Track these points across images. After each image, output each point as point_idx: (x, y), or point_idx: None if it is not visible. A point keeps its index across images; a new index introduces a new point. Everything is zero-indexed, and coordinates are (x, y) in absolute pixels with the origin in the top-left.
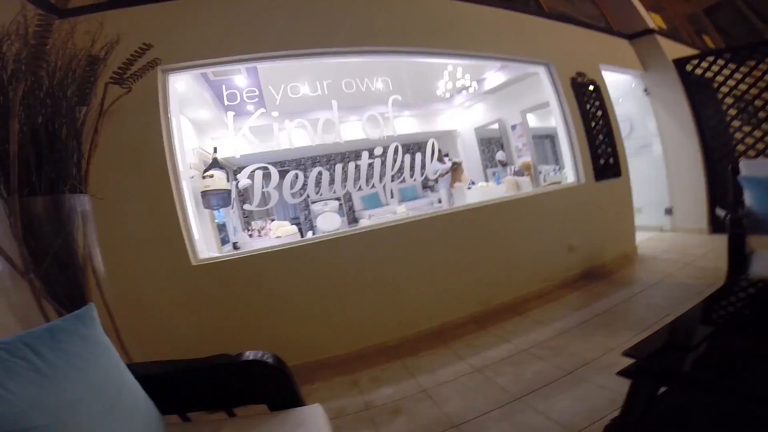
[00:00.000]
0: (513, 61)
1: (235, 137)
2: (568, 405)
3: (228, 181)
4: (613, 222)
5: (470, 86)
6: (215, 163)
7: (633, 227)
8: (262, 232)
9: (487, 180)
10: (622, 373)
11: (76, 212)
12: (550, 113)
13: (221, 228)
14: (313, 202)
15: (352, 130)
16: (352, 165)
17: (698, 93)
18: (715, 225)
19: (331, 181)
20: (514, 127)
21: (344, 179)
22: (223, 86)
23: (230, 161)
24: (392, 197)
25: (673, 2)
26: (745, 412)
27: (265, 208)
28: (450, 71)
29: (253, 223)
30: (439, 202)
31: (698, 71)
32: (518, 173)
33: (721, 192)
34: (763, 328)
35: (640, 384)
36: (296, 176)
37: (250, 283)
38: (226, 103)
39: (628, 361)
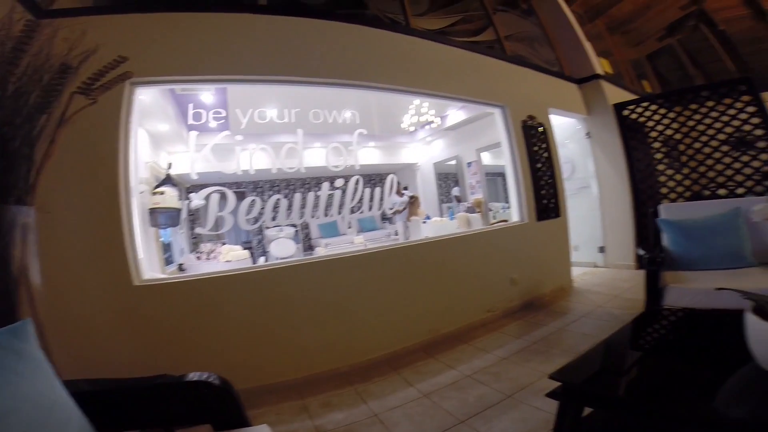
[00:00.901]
0: (473, 102)
1: (194, 155)
2: (507, 426)
3: (180, 199)
4: (552, 258)
5: (434, 122)
6: (168, 180)
7: (569, 263)
8: (211, 256)
9: (442, 215)
10: (551, 395)
11: (17, 224)
12: (502, 153)
13: (166, 248)
14: (267, 227)
15: (316, 157)
16: (311, 195)
17: (632, 137)
18: (639, 262)
19: (289, 208)
20: (469, 164)
21: (302, 207)
22: (190, 104)
23: (184, 178)
24: (350, 227)
25: (621, 48)
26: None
27: (218, 233)
28: (416, 105)
29: (202, 245)
30: (396, 234)
31: (633, 116)
32: (470, 210)
33: (646, 232)
34: (675, 350)
35: (566, 405)
36: (253, 202)
37: (196, 306)
38: (190, 121)
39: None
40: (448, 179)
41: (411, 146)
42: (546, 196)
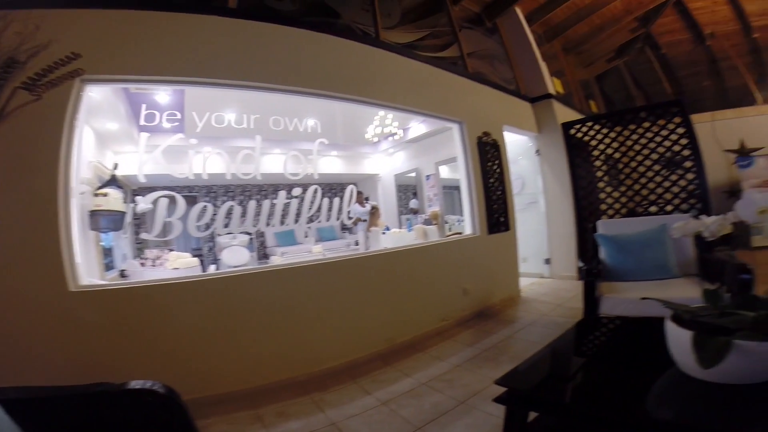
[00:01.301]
0: (434, 117)
1: (144, 157)
2: None
3: (124, 202)
4: (502, 269)
5: (397, 133)
6: (113, 181)
7: (518, 274)
8: (157, 262)
9: (401, 226)
10: (497, 400)
11: None
12: (458, 167)
13: (107, 252)
14: (219, 235)
15: (275, 163)
16: (267, 202)
17: (577, 155)
18: (580, 274)
19: (243, 215)
20: (428, 177)
21: (257, 215)
22: (144, 104)
23: (131, 180)
24: (308, 236)
25: (573, 68)
26: None
27: (165, 239)
28: (381, 117)
29: (147, 251)
30: (356, 244)
31: (579, 135)
32: (427, 222)
33: (586, 246)
34: (609, 356)
35: (512, 410)
36: (204, 208)
37: (140, 314)
38: (142, 122)
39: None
40: (407, 191)
41: (373, 157)
42: (497, 211)
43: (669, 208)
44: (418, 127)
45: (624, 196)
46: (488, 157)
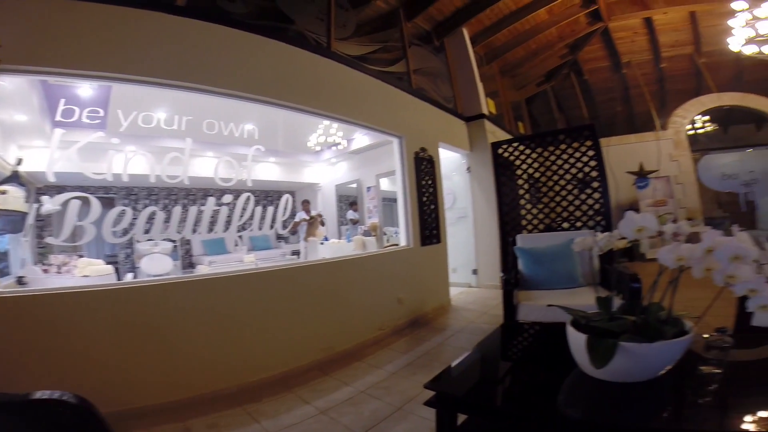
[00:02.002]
0: (376, 130)
1: (55, 154)
2: None
3: (27, 201)
4: (434, 279)
5: (340, 144)
6: (14, 178)
7: (448, 284)
8: (64, 269)
9: (340, 237)
10: (427, 403)
11: None
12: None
13: (1, 257)
14: (138, 241)
15: (207, 167)
16: (194, 209)
17: (502, 173)
18: (501, 283)
19: (167, 221)
20: (369, 188)
21: (183, 221)
22: (62, 99)
23: (37, 177)
24: (239, 245)
25: (506, 90)
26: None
27: (75, 244)
28: (326, 126)
29: (51, 256)
30: (293, 254)
31: (506, 154)
32: (367, 233)
33: (507, 257)
34: (526, 358)
35: (441, 412)
36: (122, 212)
37: (44, 325)
38: (58, 117)
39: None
40: (349, 202)
41: (315, 166)
42: (430, 224)
43: (579, 224)
44: (361, 138)
45: (541, 213)
46: (424, 172)
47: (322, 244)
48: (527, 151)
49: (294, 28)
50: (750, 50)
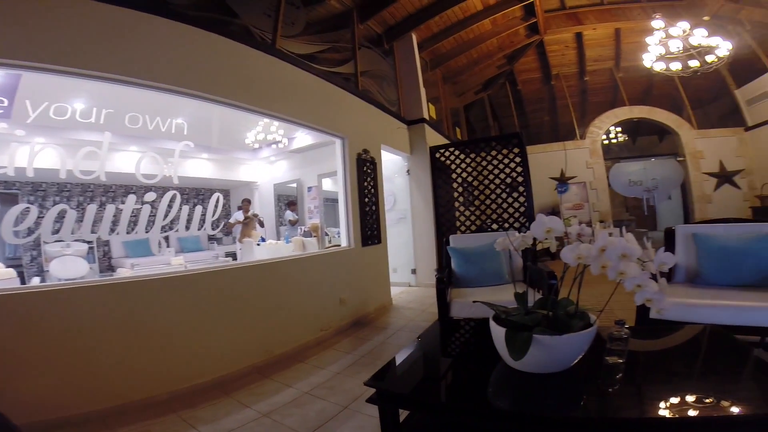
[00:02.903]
0: (318, 130)
1: None
2: None
3: None
4: (375, 279)
5: (281, 142)
6: None
7: (389, 284)
8: None
9: (279, 237)
10: (369, 400)
11: None
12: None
13: None
14: (46, 242)
15: (127, 162)
16: (111, 207)
17: (439, 176)
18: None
19: (79, 220)
20: (310, 188)
21: (98, 221)
22: None
23: None
24: (167, 247)
25: (447, 96)
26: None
27: None
28: (265, 123)
29: None
30: (227, 256)
31: (443, 158)
32: (307, 234)
33: (442, 257)
34: (460, 352)
35: (383, 408)
36: (26, 210)
37: None
38: None
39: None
40: (287, 202)
41: (252, 163)
42: (371, 224)
43: (506, 225)
44: (303, 137)
45: (473, 215)
46: (366, 173)
47: (258, 245)
48: (462, 156)
49: (239, 23)
50: (659, 67)
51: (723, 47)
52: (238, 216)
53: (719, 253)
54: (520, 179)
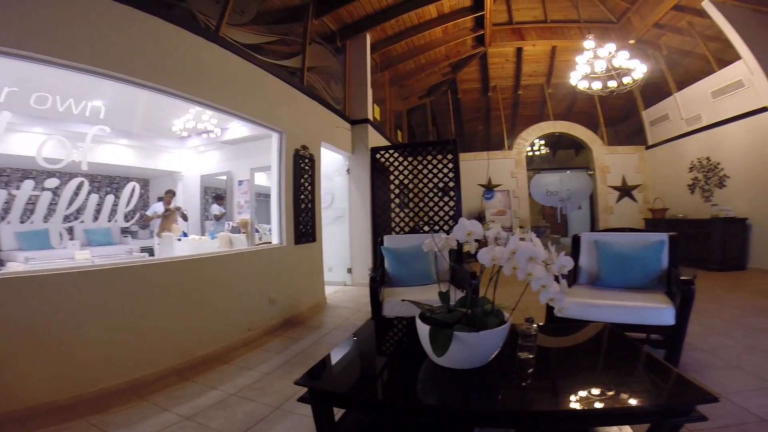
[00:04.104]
0: (255, 123)
1: None
2: None
3: None
4: (308, 278)
5: (213, 131)
6: None
7: (323, 283)
8: None
9: (203, 232)
10: (301, 399)
11: None
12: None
13: None
14: None
15: (29, 144)
16: (2, 193)
17: (378, 177)
18: None
19: None
20: (241, 182)
21: None
22: None
23: None
24: (69, 239)
25: (393, 99)
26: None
27: None
28: (197, 111)
29: None
30: (143, 251)
31: (382, 160)
32: (235, 230)
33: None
34: (391, 350)
35: (317, 407)
36: None
37: None
38: None
39: None
40: (214, 195)
41: (177, 152)
42: (305, 222)
43: (437, 227)
44: (238, 128)
45: (407, 216)
46: (303, 170)
47: (179, 240)
48: (401, 159)
49: (185, 6)
50: (583, 85)
51: (639, 70)
52: (157, 208)
53: (615, 258)
54: (451, 184)
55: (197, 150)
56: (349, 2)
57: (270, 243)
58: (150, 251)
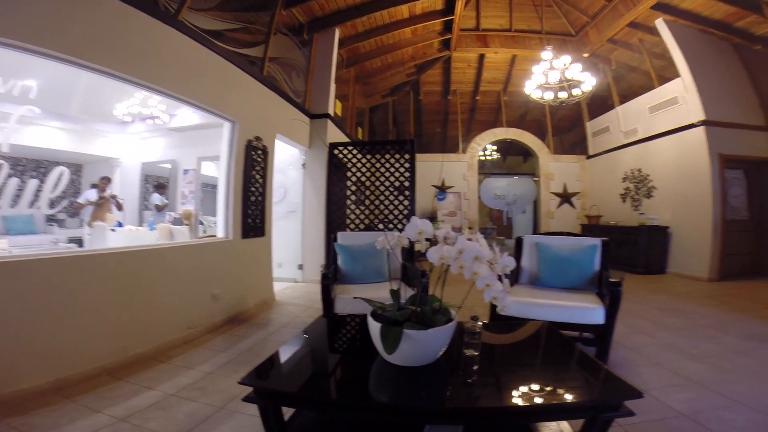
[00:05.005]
0: (206, 111)
1: None
2: None
3: None
4: (256, 274)
5: (159, 117)
6: None
7: (272, 279)
8: None
9: (141, 223)
10: (246, 399)
11: None
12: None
13: None
14: None
15: None
16: None
17: (334, 173)
18: None
19: None
20: (186, 171)
21: None
22: None
23: None
24: None
25: (356, 96)
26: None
27: None
28: (145, 95)
29: None
30: (70, 242)
31: (340, 156)
32: (177, 221)
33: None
34: (342, 347)
35: (264, 407)
36: None
37: None
38: None
39: None
40: (155, 184)
41: (117, 137)
42: (254, 216)
43: (391, 226)
44: (188, 115)
45: (363, 214)
46: (256, 161)
47: (113, 230)
48: (359, 156)
49: None
50: (536, 95)
51: (589, 83)
52: (89, 195)
53: (553, 260)
54: (407, 184)
55: (140, 136)
56: None
57: (215, 236)
58: (79, 242)
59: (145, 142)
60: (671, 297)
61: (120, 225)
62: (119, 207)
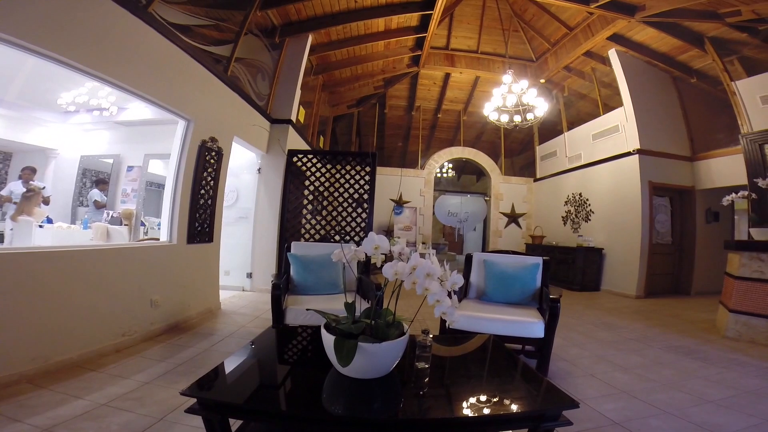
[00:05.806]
0: (161, 107)
1: None
2: None
3: None
4: (200, 281)
5: (108, 109)
6: None
7: (218, 286)
8: None
9: (75, 221)
10: (189, 410)
11: None
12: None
13: None
14: None
15: None
16: None
17: (292, 181)
18: None
19: None
20: (131, 168)
21: None
22: None
23: None
24: None
25: (321, 104)
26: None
27: None
28: (95, 85)
29: None
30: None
31: (299, 164)
32: (115, 221)
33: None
34: (291, 359)
35: (208, 419)
36: None
37: None
38: None
39: None
40: (95, 179)
41: (55, 127)
42: (202, 220)
43: (347, 238)
44: (140, 109)
45: (319, 224)
46: (209, 162)
47: (41, 227)
48: (319, 165)
49: None
50: (493, 117)
51: (542, 108)
52: (14, 187)
53: (499, 276)
54: (366, 196)
55: (83, 128)
56: (300, 0)
57: (158, 240)
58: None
59: (87, 135)
60: (603, 312)
61: (49, 221)
62: (45, 202)
